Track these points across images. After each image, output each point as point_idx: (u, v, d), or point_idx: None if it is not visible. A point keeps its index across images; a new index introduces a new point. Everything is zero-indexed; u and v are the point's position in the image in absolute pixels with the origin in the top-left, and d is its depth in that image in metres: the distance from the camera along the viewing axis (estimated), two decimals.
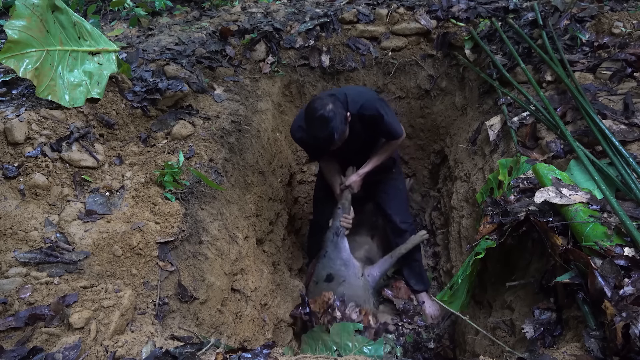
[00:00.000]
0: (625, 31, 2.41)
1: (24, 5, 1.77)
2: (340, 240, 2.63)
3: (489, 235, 1.66)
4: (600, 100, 2.00)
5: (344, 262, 2.59)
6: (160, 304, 1.50)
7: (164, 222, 1.70)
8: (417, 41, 3.12)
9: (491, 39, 2.82)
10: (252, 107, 2.66)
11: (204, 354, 1.24)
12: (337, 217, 2.68)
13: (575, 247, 1.34)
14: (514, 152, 2.08)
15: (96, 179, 1.77)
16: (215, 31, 3.06)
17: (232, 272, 1.98)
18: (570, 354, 1.17)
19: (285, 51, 3.12)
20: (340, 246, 2.62)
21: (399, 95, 3.31)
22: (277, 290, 2.57)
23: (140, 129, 2.14)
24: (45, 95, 1.81)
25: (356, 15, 3.12)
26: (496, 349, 1.66)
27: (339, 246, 2.62)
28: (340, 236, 2.64)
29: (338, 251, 2.62)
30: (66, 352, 1.16)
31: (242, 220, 2.22)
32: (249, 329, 2.03)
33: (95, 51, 2.03)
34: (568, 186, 1.53)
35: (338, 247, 2.62)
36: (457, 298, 1.92)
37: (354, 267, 2.60)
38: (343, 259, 2.60)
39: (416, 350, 2.65)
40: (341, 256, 2.60)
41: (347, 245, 2.65)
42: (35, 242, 1.49)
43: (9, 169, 1.59)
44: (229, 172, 2.20)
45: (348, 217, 2.69)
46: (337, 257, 2.60)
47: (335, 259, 2.60)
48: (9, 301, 1.30)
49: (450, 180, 3.01)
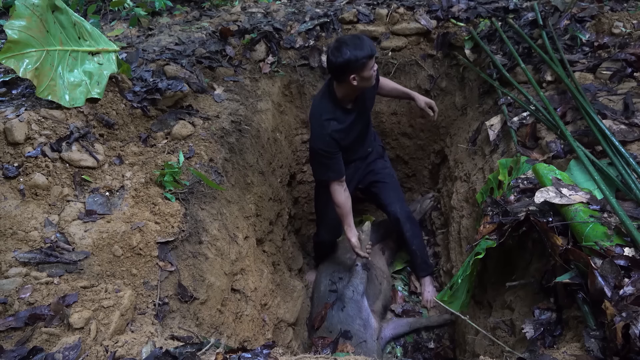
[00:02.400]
0: (625, 31, 2.41)
1: (24, 5, 1.77)
2: (362, 299, 2.55)
3: (489, 235, 1.66)
4: (600, 100, 2.00)
5: (364, 323, 2.49)
6: (160, 304, 1.50)
7: (164, 222, 1.70)
8: (417, 41, 3.12)
9: (491, 39, 2.82)
10: (252, 107, 2.66)
11: (204, 354, 1.24)
12: (357, 275, 2.61)
13: (575, 247, 1.34)
14: (514, 152, 2.08)
15: (96, 179, 1.77)
16: (215, 31, 3.06)
17: (232, 272, 1.98)
18: (570, 354, 1.17)
19: (285, 51, 3.12)
20: (361, 305, 2.54)
21: None
22: (277, 290, 2.57)
23: (140, 129, 2.14)
24: (45, 95, 1.81)
25: (356, 15, 3.12)
26: (496, 349, 1.66)
27: (359, 305, 2.53)
28: (361, 295, 2.56)
29: (358, 310, 2.52)
30: (66, 352, 1.16)
31: (242, 220, 2.22)
32: (249, 329, 2.03)
33: (95, 51, 2.03)
34: (568, 186, 1.53)
35: (359, 306, 2.53)
36: (457, 298, 1.92)
37: (371, 329, 2.49)
38: (363, 319, 2.50)
39: (416, 350, 2.66)
40: (361, 315, 2.50)
41: (367, 304, 2.57)
42: (35, 242, 1.49)
43: (9, 169, 1.59)
44: (229, 172, 2.20)
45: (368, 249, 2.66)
46: (357, 316, 2.49)
47: (355, 317, 2.49)
48: (9, 301, 1.30)
49: (450, 180, 3.01)
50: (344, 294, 2.58)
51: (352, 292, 2.57)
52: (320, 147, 2.36)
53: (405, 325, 2.64)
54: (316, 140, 2.37)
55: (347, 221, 2.57)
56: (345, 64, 2.13)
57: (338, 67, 2.16)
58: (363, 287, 2.58)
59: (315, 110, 2.39)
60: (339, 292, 2.65)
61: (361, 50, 2.11)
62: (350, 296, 2.56)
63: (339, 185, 2.50)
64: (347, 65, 2.13)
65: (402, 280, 3.20)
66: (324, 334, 2.52)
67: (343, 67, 2.14)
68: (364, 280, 2.61)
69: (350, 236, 2.59)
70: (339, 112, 2.37)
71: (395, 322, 2.67)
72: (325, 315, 2.57)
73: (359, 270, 2.64)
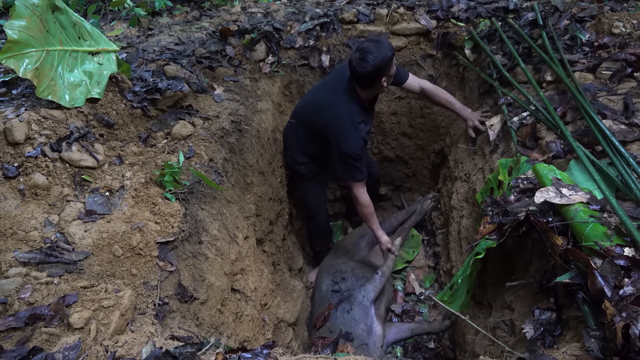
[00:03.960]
0: (625, 31, 2.41)
1: (24, 5, 1.77)
2: (370, 306, 2.56)
3: (489, 235, 1.66)
4: (600, 100, 2.00)
5: (367, 328, 2.50)
6: (160, 304, 1.50)
7: (164, 222, 1.70)
8: (417, 41, 3.12)
9: (491, 39, 2.82)
10: (252, 107, 2.66)
11: (204, 354, 1.24)
12: (373, 282, 2.64)
13: (575, 247, 1.34)
14: (514, 152, 2.08)
15: (96, 179, 1.77)
16: (215, 31, 3.06)
17: (232, 272, 1.98)
18: (570, 354, 1.17)
19: (285, 51, 3.12)
20: (368, 311, 2.54)
21: (399, 95, 3.31)
22: (277, 290, 2.57)
23: (140, 129, 2.14)
24: (45, 95, 1.81)
25: (356, 15, 3.12)
26: (496, 349, 1.67)
27: (367, 310, 2.54)
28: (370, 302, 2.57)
29: (365, 315, 2.52)
30: (66, 352, 1.16)
31: (242, 220, 2.22)
32: (249, 329, 2.03)
33: (95, 51, 2.03)
34: (568, 186, 1.53)
35: (366, 311, 2.53)
36: (457, 298, 1.92)
37: (375, 335, 2.49)
38: (367, 325, 2.50)
39: (416, 350, 2.66)
40: (366, 321, 2.51)
41: (374, 312, 2.57)
42: (35, 242, 1.49)
43: (9, 169, 1.59)
44: (229, 172, 2.20)
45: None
46: (361, 321, 2.50)
47: (359, 321, 2.50)
48: (9, 301, 1.30)
49: (450, 180, 3.01)
50: (353, 296, 2.58)
51: (362, 297, 2.57)
52: (354, 151, 2.41)
53: (406, 331, 2.65)
54: (351, 144, 2.40)
55: (373, 220, 2.67)
56: (376, 71, 2.22)
57: (369, 76, 2.24)
58: (374, 295, 2.59)
59: (345, 115, 2.41)
60: (345, 293, 2.65)
61: (385, 52, 2.20)
62: (360, 300, 2.56)
63: (364, 186, 2.57)
64: (378, 72, 2.23)
65: (401, 280, 3.21)
66: (324, 334, 2.51)
67: (374, 74, 2.24)
68: (377, 290, 2.61)
69: (379, 235, 2.71)
70: (366, 115, 2.48)
71: (397, 327, 2.67)
72: (328, 315, 2.57)
73: (377, 279, 2.64)
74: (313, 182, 2.93)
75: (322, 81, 2.78)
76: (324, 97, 2.53)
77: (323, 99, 2.53)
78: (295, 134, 2.76)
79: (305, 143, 2.71)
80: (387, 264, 2.70)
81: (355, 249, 3.04)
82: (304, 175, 2.87)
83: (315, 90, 2.69)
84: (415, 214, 3.22)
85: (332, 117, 2.44)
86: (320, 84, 2.71)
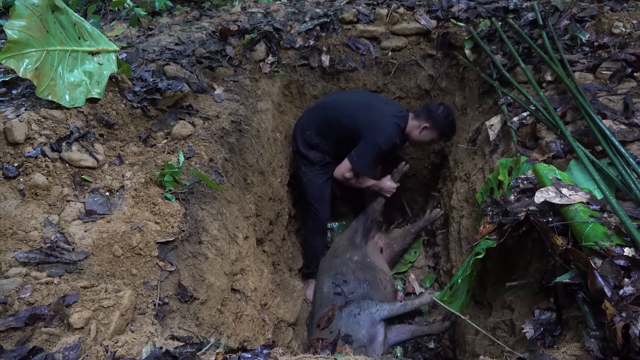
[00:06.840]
0: (625, 31, 2.41)
1: (24, 5, 1.77)
2: (379, 321, 2.55)
3: (489, 235, 1.65)
4: (600, 100, 2.00)
5: (369, 336, 2.49)
6: (160, 304, 1.50)
7: (164, 222, 1.70)
8: (417, 41, 3.12)
9: (491, 39, 2.82)
10: (252, 107, 2.66)
11: (204, 354, 1.24)
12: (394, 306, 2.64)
13: (575, 247, 1.34)
14: (514, 152, 2.08)
15: (96, 179, 1.77)
16: (215, 31, 3.06)
17: (232, 272, 1.98)
18: (570, 354, 1.17)
19: (285, 51, 3.12)
20: (375, 322, 2.53)
21: (399, 95, 3.31)
22: (277, 290, 2.57)
23: (140, 129, 2.14)
24: (45, 95, 1.81)
25: (356, 15, 3.12)
26: (496, 349, 1.67)
27: (374, 321, 2.52)
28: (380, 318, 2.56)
29: (371, 324, 2.51)
30: (66, 352, 1.16)
31: (242, 220, 2.22)
32: (249, 329, 2.03)
33: (95, 51, 2.03)
34: (568, 186, 1.53)
35: (373, 322, 2.52)
36: (457, 298, 1.92)
37: (377, 343, 2.49)
38: (370, 333, 2.49)
39: (416, 350, 2.66)
40: (370, 330, 2.50)
41: (381, 328, 2.55)
42: (35, 242, 1.49)
43: (9, 169, 1.59)
44: (229, 172, 2.20)
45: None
46: (365, 328, 2.50)
47: (362, 327, 2.49)
48: (9, 301, 1.30)
49: (450, 180, 3.01)
50: (366, 304, 2.58)
51: (375, 310, 2.56)
52: (385, 147, 2.73)
53: (407, 333, 2.65)
54: (386, 140, 2.73)
55: (364, 180, 2.96)
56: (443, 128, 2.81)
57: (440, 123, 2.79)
58: (387, 315, 2.57)
59: (388, 115, 2.75)
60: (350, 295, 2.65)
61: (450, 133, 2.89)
62: (371, 311, 2.55)
63: (356, 175, 2.90)
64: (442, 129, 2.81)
65: (401, 280, 3.21)
66: (325, 334, 2.52)
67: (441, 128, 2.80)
68: (392, 314, 2.59)
69: (377, 183, 3.04)
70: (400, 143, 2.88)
71: (398, 329, 2.67)
72: (332, 316, 2.58)
73: (398, 306, 2.63)
74: (319, 171, 2.96)
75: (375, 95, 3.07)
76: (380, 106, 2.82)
77: (379, 105, 2.82)
78: (320, 119, 2.89)
79: (328, 128, 2.86)
80: (413, 302, 2.67)
81: (351, 247, 3.03)
82: (312, 162, 2.93)
83: (369, 95, 3.00)
84: (422, 221, 3.24)
85: (379, 116, 2.74)
86: (374, 94, 3.07)
